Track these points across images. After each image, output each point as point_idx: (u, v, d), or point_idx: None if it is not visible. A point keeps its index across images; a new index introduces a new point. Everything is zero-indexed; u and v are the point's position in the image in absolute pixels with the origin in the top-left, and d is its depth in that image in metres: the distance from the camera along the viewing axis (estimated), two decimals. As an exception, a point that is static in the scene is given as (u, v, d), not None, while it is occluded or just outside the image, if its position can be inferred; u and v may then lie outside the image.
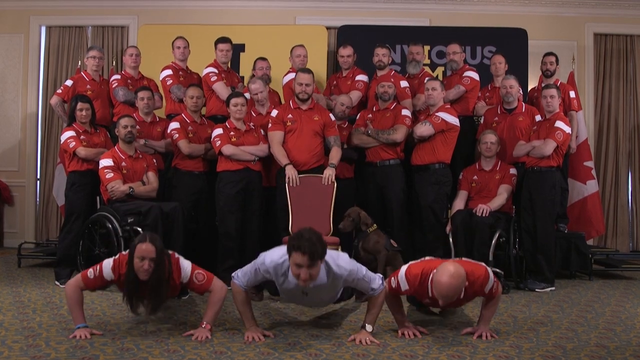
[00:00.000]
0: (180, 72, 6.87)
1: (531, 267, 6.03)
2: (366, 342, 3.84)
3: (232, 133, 5.94)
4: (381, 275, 4.09)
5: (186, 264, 4.13)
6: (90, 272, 4.02)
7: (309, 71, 6.17)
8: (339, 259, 3.91)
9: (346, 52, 6.96)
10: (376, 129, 6.22)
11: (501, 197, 6.01)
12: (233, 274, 4.08)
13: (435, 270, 3.82)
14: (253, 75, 7.05)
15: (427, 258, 4.31)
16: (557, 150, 5.89)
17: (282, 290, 4.06)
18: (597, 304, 5.29)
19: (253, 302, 4.32)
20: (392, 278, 4.11)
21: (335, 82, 7.12)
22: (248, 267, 4.01)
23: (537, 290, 5.82)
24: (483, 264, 4.15)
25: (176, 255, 4.18)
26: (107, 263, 4.05)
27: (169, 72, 6.79)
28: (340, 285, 4.01)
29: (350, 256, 5.61)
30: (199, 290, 4.12)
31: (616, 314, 4.88)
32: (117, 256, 4.13)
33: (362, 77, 6.93)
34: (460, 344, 3.87)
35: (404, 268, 4.08)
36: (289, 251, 3.67)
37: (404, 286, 4.02)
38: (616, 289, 6.06)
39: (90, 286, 4.03)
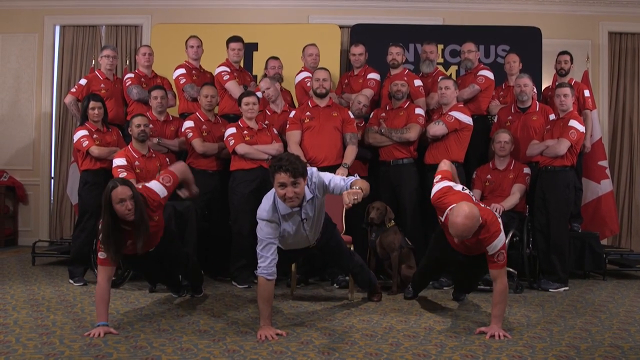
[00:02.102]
0: (194, 71, 6.88)
1: (545, 267, 6.01)
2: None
3: (245, 132, 5.95)
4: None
5: (153, 184, 4.46)
6: (99, 253, 4.16)
7: (325, 69, 6.26)
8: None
9: (358, 50, 6.96)
10: (389, 128, 6.21)
11: (514, 196, 5.99)
12: (255, 272, 4.17)
13: (451, 208, 4.03)
14: (265, 75, 7.06)
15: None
16: (571, 150, 5.86)
17: (284, 232, 4.24)
18: (611, 304, 5.27)
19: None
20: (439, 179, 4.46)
21: (346, 80, 7.13)
22: (259, 249, 4.14)
23: (550, 290, 5.80)
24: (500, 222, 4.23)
25: (140, 186, 4.50)
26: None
27: (182, 71, 6.80)
28: (321, 194, 4.23)
29: (367, 252, 5.71)
30: (173, 185, 4.52)
31: (630, 314, 4.85)
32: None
33: (374, 76, 6.92)
34: (473, 343, 3.86)
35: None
36: (272, 174, 3.94)
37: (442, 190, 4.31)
38: (630, 289, 6.03)
39: (110, 263, 4.16)
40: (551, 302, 5.31)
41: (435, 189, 4.35)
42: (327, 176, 4.19)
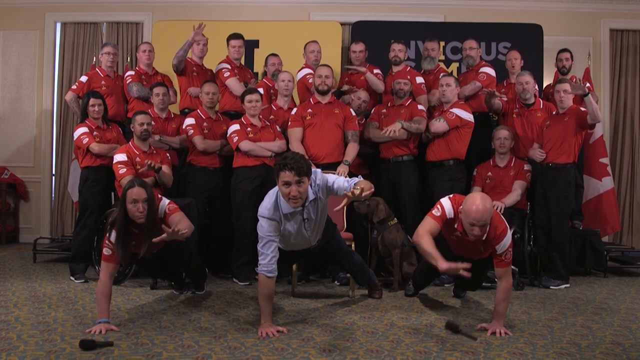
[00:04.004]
0: (195, 68, 6.87)
1: (546, 264, 6.02)
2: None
3: (249, 129, 5.95)
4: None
5: (163, 200, 4.41)
6: (104, 250, 4.17)
7: (327, 65, 6.26)
8: (312, 175, 4.15)
9: (358, 47, 6.95)
10: (406, 121, 6.11)
11: (515, 193, 6.00)
12: (256, 269, 4.19)
13: (463, 203, 4.00)
14: (265, 72, 7.07)
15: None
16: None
17: (285, 231, 4.23)
18: (612, 301, 5.27)
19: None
20: (434, 209, 4.23)
21: (347, 78, 7.11)
22: (260, 246, 4.14)
23: (551, 287, 5.80)
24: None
25: (159, 195, 4.45)
26: (112, 234, 4.19)
27: None
28: (324, 196, 4.23)
29: (368, 249, 5.70)
30: (168, 218, 4.31)
31: (631, 311, 4.85)
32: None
33: (376, 71, 6.91)
34: (474, 340, 3.86)
35: (445, 199, 4.23)
36: (277, 173, 3.94)
37: (450, 212, 4.16)
38: (631, 286, 6.03)
39: (114, 260, 4.16)
40: (552, 299, 5.31)
41: (447, 198, 4.25)
42: (330, 177, 4.18)
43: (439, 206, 4.20)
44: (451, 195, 4.27)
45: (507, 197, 5.95)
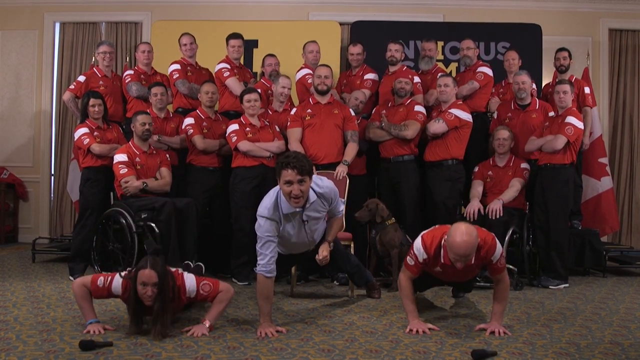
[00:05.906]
0: (189, 68, 6.86)
1: (545, 264, 6.01)
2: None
3: (248, 129, 5.95)
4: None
5: (190, 279, 4.06)
6: (100, 280, 3.96)
7: (327, 65, 6.26)
8: (318, 179, 4.27)
9: (356, 50, 6.95)
10: (390, 123, 6.19)
11: (513, 189, 5.99)
12: (255, 269, 4.17)
13: (447, 234, 3.89)
14: (263, 73, 7.07)
15: (435, 227, 4.31)
16: (571, 147, 5.83)
17: (284, 232, 4.25)
18: (611, 300, 5.27)
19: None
20: (408, 257, 4.19)
21: (345, 80, 7.12)
22: (259, 246, 4.14)
23: (550, 287, 5.80)
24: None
25: (180, 271, 4.13)
26: (118, 279, 3.97)
27: (176, 66, 6.78)
28: (325, 204, 4.33)
29: (367, 249, 5.72)
30: (209, 299, 4.08)
31: (630, 311, 4.86)
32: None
33: (371, 76, 6.89)
34: (473, 340, 3.86)
35: (417, 240, 4.16)
36: (278, 172, 3.96)
37: (422, 255, 4.09)
38: (630, 286, 6.03)
39: (95, 293, 3.98)
40: (551, 299, 5.31)
41: (418, 241, 4.16)
42: (336, 198, 4.37)
43: (411, 253, 4.17)
44: (424, 232, 4.20)
45: (504, 193, 5.94)
